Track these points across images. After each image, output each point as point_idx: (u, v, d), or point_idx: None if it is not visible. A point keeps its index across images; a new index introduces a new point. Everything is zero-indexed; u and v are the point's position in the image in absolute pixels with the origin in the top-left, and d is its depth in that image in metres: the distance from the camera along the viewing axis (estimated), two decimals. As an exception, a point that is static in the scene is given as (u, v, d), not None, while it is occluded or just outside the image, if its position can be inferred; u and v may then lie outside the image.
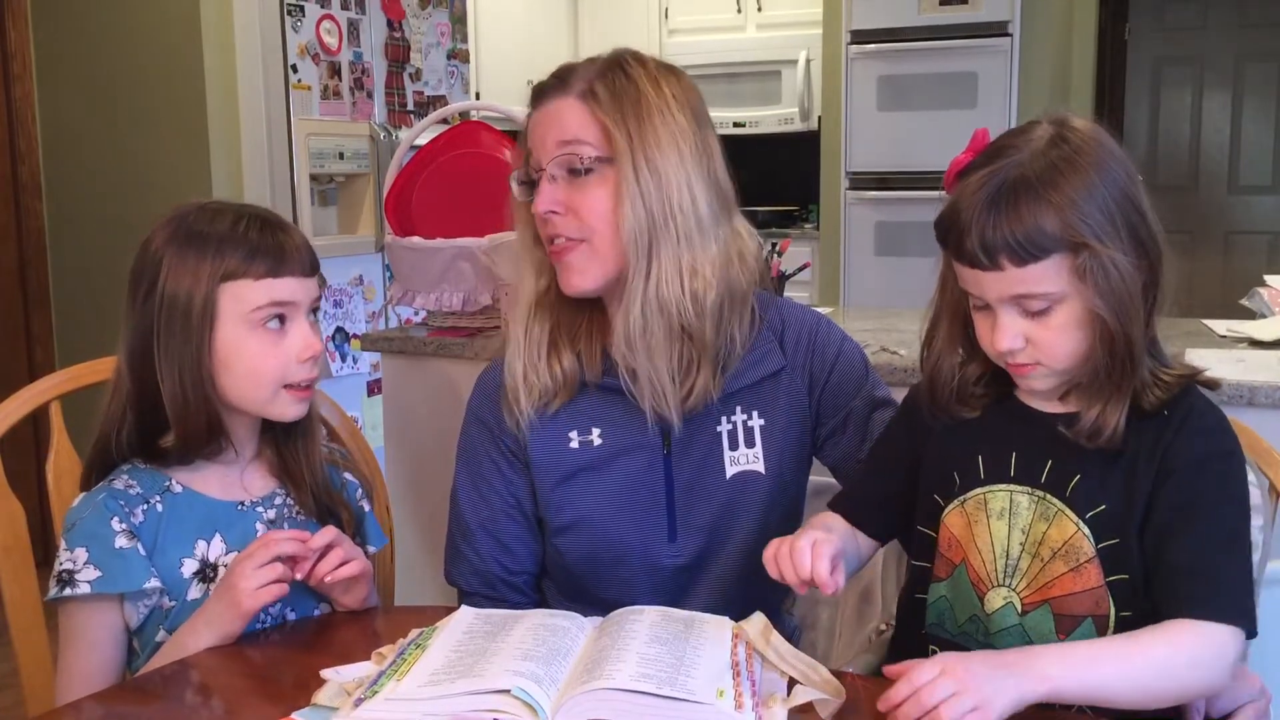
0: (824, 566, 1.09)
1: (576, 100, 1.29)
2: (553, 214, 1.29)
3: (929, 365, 1.19)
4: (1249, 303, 2.35)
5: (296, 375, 1.26)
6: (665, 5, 5.36)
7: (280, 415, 1.28)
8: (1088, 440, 1.07)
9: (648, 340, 1.27)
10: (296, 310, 1.26)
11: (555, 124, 1.29)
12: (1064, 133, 1.06)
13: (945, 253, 1.10)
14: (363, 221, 3.76)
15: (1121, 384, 1.06)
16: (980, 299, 1.08)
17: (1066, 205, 1.02)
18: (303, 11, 3.47)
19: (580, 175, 1.28)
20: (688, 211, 1.27)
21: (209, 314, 1.22)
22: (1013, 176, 1.03)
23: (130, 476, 1.27)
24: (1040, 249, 1.02)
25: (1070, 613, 1.10)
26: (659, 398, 1.29)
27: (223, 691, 1.14)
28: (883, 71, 4.33)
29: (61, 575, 1.20)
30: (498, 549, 1.39)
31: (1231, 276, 4.50)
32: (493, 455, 1.38)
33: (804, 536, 1.13)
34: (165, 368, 1.23)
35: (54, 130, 3.63)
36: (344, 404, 1.60)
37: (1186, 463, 1.05)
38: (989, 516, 1.14)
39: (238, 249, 1.23)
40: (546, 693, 0.96)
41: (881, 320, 2.33)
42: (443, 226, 2.03)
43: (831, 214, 4.56)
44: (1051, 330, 1.05)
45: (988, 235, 1.02)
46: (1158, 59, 4.97)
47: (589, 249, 1.29)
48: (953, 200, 1.07)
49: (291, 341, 1.25)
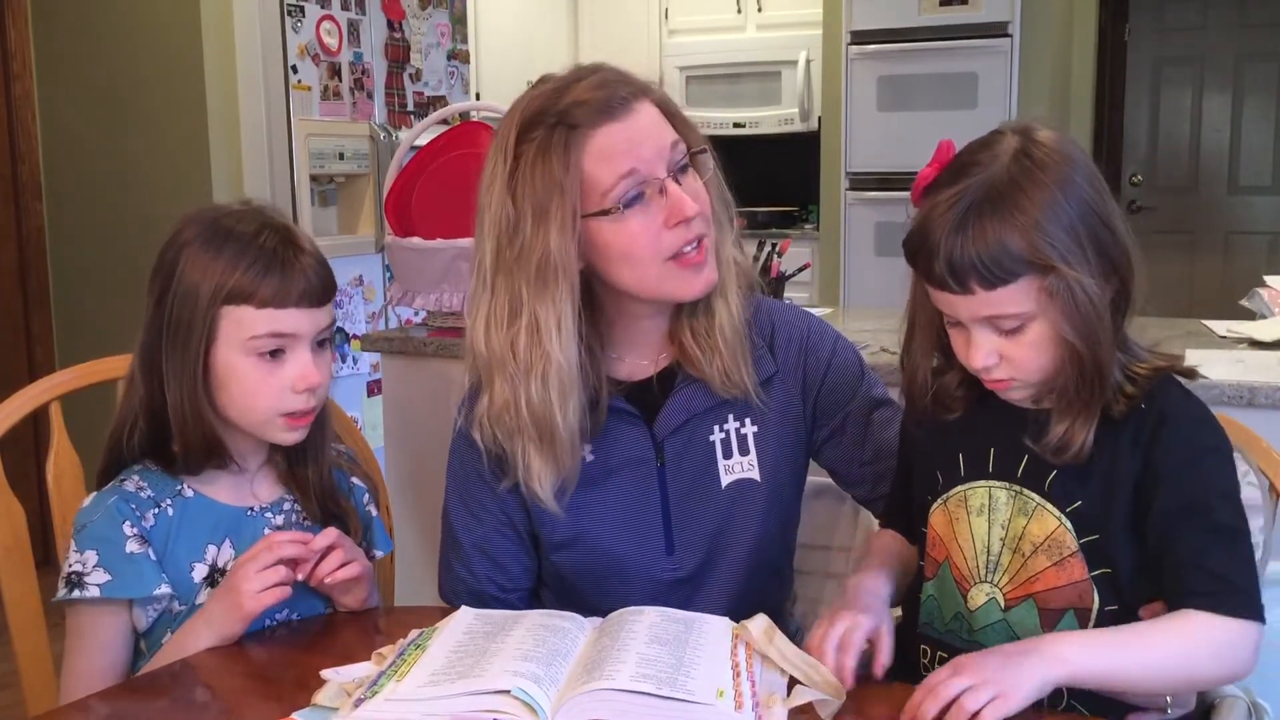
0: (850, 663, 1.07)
1: (648, 99, 1.24)
2: (700, 214, 1.24)
3: (905, 375, 1.20)
4: (1249, 303, 2.35)
5: (292, 405, 1.24)
6: (665, 6, 5.36)
7: (275, 440, 1.27)
8: (1054, 456, 1.07)
9: (714, 322, 1.29)
10: (297, 341, 1.24)
11: (652, 126, 1.23)
12: (1028, 147, 1.05)
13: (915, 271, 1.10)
14: (363, 222, 3.77)
15: (1090, 401, 1.06)
16: (952, 317, 1.09)
17: (1032, 228, 1.01)
18: (303, 12, 3.47)
19: (685, 172, 1.25)
20: (729, 201, 1.32)
21: (208, 333, 1.21)
22: (979, 198, 1.02)
23: (141, 478, 1.26)
24: (1008, 272, 1.01)
25: (1053, 606, 1.10)
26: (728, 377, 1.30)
27: (223, 691, 1.15)
28: (883, 72, 4.33)
29: (70, 577, 1.20)
30: (492, 568, 1.36)
31: (1231, 277, 4.50)
32: (483, 473, 1.34)
33: (837, 626, 1.09)
34: (170, 375, 1.22)
35: (54, 130, 3.63)
36: (343, 404, 1.60)
37: (1181, 462, 1.05)
38: (969, 513, 1.14)
39: (248, 266, 1.20)
40: (546, 693, 0.97)
41: (881, 320, 2.33)
42: (443, 227, 2.03)
43: (831, 214, 4.56)
44: (1024, 347, 1.05)
45: (955, 259, 1.02)
46: (1158, 59, 4.97)
47: (710, 244, 1.27)
48: (920, 220, 1.06)
49: (288, 372, 1.23)
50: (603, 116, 1.20)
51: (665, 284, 1.25)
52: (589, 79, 1.23)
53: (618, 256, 1.23)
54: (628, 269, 1.24)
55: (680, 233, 1.22)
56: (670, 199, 1.21)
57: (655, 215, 1.22)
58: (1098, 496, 1.08)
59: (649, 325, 1.33)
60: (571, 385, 1.23)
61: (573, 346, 1.23)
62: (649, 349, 1.35)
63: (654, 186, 1.21)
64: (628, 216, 1.21)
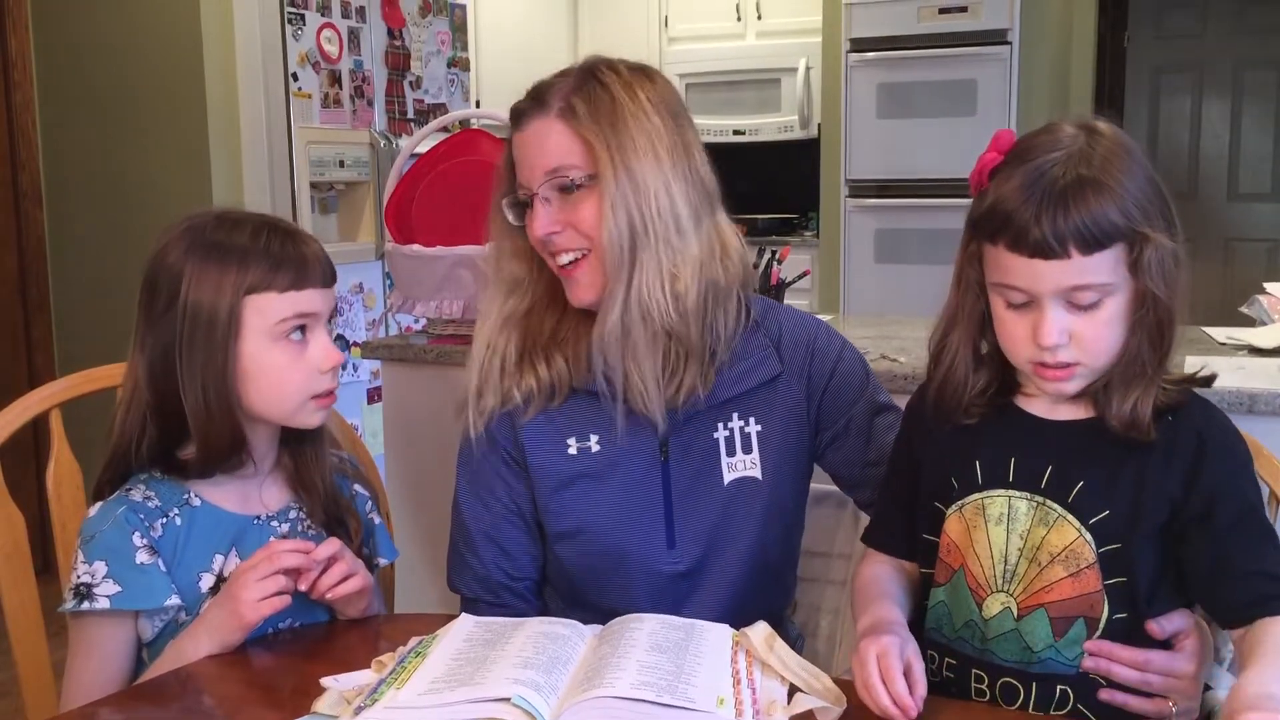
0: (901, 689, 1.01)
1: (557, 119, 1.29)
2: (553, 234, 1.30)
3: (942, 369, 1.18)
4: (1249, 310, 2.35)
5: (321, 385, 1.27)
6: (665, 14, 5.37)
7: (305, 424, 1.29)
8: (1129, 429, 1.09)
9: (629, 345, 1.28)
10: (317, 321, 1.27)
11: (539, 147, 1.30)
12: (1094, 130, 1.09)
13: (988, 249, 1.10)
14: (363, 229, 3.77)
15: (1155, 374, 1.09)
16: (1024, 295, 1.08)
17: (1125, 195, 1.05)
18: (303, 20, 3.48)
19: (571, 192, 1.29)
20: (666, 215, 1.28)
21: (233, 327, 1.22)
22: (1075, 168, 1.05)
23: (148, 487, 1.26)
24: (1107, 237, 1.04)
25: (1064, 615, 1.11)
26: (643, 400, 1.30)
27: (223, 699, 1.14)
28: (882, 79, 4.33)
29: (80, 589, 1.19)
30: (500, 555, 1.39)
31: (1231, 284, 4.51)
32: (493, 461, 1.38)
33: (870, 658, 1.03)
34: (188, 380, 1.22)
35: (55, 138, 3.63)
36: (344, 412, 1.60)
37: (1228, 477, 1.09)
38: (987, 522, 1.14)
39: (262, 261, 1.23)
40: (547, 700, 0.96)
41: (881, 327, 2.33)
42: (443, 234, 2.03)
43: (831, 221, 4.57)
44: (1097, 324, 1.07)
45: (1059, 223, 1.04)
46: (1156, 67, 4.98)
47: (592, 261, 1.30)
48: (1003, 195, 1.07)
49: (313, 352, 1.26)
50: (513, 123, 1.34)
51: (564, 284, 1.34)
52: (544, 80, 1.34)
53: None
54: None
55: (543, 245, 1.32)
56: (531, 215, 1.32)
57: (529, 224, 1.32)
58: (1126, 506, 1.09)
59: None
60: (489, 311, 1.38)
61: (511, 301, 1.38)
62: None
63: (529, 199, 1.32)
64: (529, 217, 1.33)
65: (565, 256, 1.30)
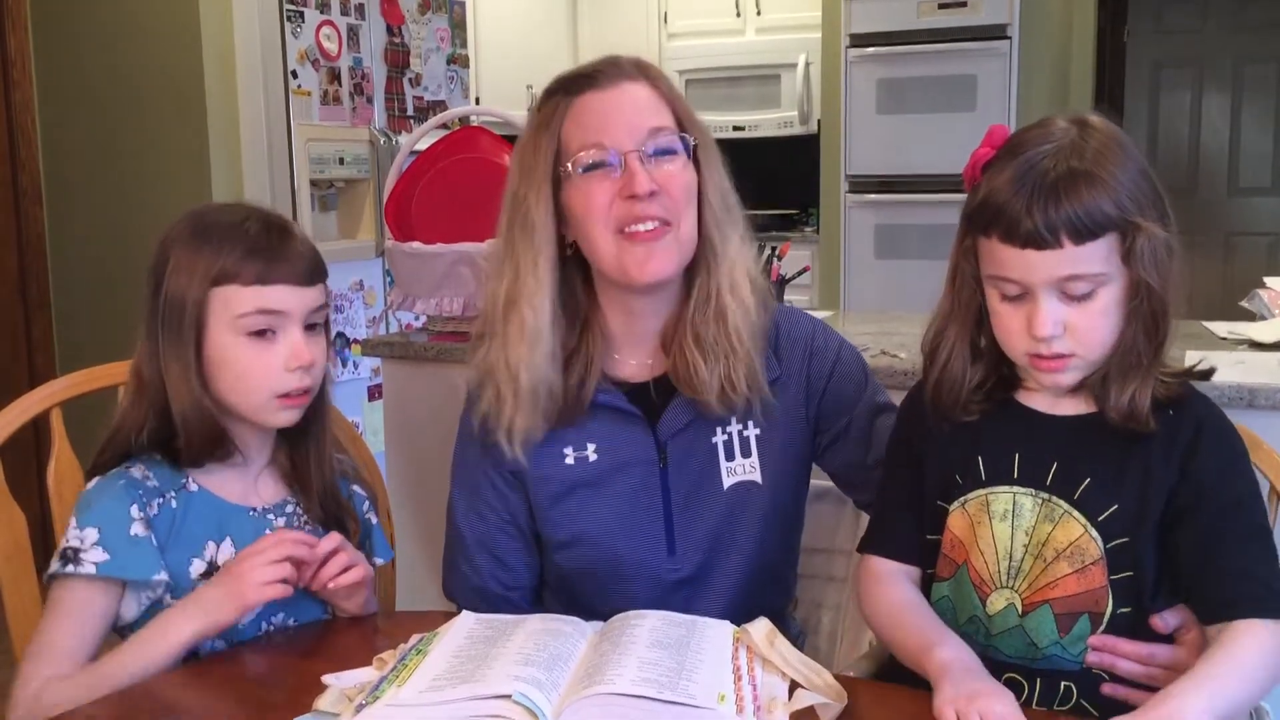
0: None
1: (646, 83, 1.27)
2: (653, 194, 1.24)
3: (939, 365, 1.18)
4: (1249, 305, 2.35)
5: (285, 384, 1.24)
6: (664, 9, 5.36)
7: (271, 423, 1.28)
8: (1127, 420, 1.09)
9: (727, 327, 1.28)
10: (287, 320, 1.24)
11: (633, 106, 1.25)
12: (1086, 124, 1.09)
13: (982, 242, 1.10)
14: (363, 227, 3.77)
15: (1151, 365, 1.09)
16: (1018, 286, 1.08)
17: (1117, 186, 1.05)
18: (302, 17, 3.48)
19: (666, 156, 1.26)
20: (734, 206, 1.31)
21: (200, 317, 1.22)
22: (1067, 161, 1.06)
23: (147, 468, 1.26)
24: (1100, 227, 1.05)
25: (1069, 611, 1.11)
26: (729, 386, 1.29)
27: (223, 697, 1.14)
28: (882, 75, 4.33)
29: (66, 553, 1.19)
30: (495, 565, 1.38)
31: (1231, 278, 4.51)
32: (488, 471, 1.36)
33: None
34: (168, 369, 1.23)
35: (54, 136, 3.63)
36: (344, 409, 1.60)
37: (1218, 469, 1.09)
38: (991, 518, 1.14)
39: (233, 250, 1.22)
40: (548, 697, 0.96)
41: (881, 323, 2.33)
42: (443, 231, 2.03)
43: (831, 217, 4.56)
44: (1091, 315, 1.07)
45: (1050, 214, 1.04)
46: (1156, 61, 4.97)
47: (675, 235, 1.26)
48: (995, 187, 1.08)
49: (280, 351, 1.24)
50: (587, 84, 1.27)
51: (621, 259, 1.26)
52: (601, 58, 1.29)
53: (578, 220, 1.28)
54: (586, 236, 1.27)
55: (630, 207, 1.24)
56: (628, 173, 1.24)
57: (610, 186, 1.25)
58: (1133, 501, 1.09)
59: (647, 325, 1.34)
60: (538, 336, 1.27)
61: (543, 300, 1.27)
62: (648, 351, 1.35)
63: (617, 159, 1.25)
64: (587, 180, 1.25)
65: (648, 224, 1.25)
